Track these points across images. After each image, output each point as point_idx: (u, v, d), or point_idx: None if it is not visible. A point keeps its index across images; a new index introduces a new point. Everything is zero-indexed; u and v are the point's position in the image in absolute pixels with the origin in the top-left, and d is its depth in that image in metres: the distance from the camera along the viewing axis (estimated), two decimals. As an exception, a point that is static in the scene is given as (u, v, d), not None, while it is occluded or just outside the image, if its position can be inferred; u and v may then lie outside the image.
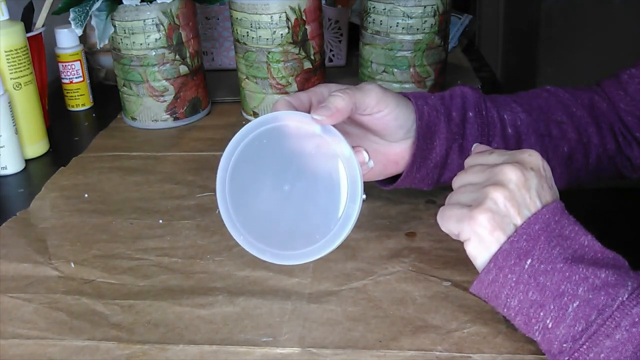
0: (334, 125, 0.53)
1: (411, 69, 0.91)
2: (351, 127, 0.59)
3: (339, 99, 0.53)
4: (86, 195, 0.73)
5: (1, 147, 0.78)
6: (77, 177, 0.78)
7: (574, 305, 0.42)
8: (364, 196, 0.69)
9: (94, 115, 0.98)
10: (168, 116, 0.91)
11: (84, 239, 0.65)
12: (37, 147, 0.84)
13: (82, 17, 0.83)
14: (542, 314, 0.43)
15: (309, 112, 0.55)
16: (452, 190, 0.50)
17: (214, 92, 0.99)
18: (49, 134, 0.87)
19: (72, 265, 0.61)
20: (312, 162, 0.53)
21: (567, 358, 0.42)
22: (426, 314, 0.52)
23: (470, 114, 0.62)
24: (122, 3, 0.84)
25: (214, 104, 0.97)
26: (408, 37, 0.89)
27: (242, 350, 0.50)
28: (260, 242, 0.53)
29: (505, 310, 0.45)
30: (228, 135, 0.58)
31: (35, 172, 0.81)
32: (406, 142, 0.60)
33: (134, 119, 0.91)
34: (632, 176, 0.68)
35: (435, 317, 0.52)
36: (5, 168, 0.79)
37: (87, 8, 0.83)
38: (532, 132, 0.63)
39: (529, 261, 0.44)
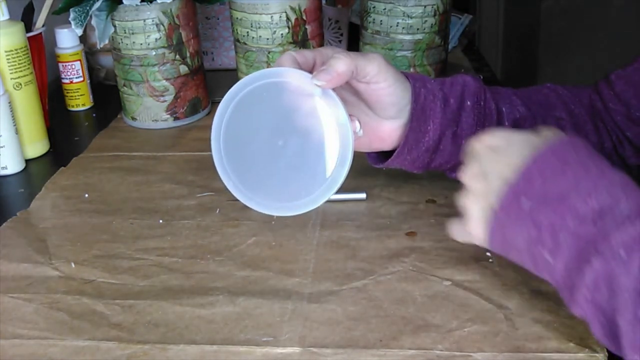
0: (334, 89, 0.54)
1: (411, 69, 0.91)
2: (346, 92, 0.59)
3: (340, 62, 0.54)
4: (86, 195, 0.73)
5: (1, 147, 0.78)
6: (78, 177, 0.78)
7: (567, 238, 0.43)
8: (364, 195, 0.69)
9: (94, 115, 0.98)
10: (168, 116, 0.91)
11: (85, 239, 0.65)
12: (37, 147, 0.84)
13: (82, 17, 0.83)
14: (541, 249, 0.44)
15: (312, 70, 0.56)
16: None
17: (214, 92, 0.99)
18: (49, 134, 0.87)
19: (73, 265, 0.61)
20: (308, 122, 0.55)
21: (568, 290, 0.44)
22: (427, 313, 0.52)
23: (468, 102, 0.62)
24: (122, 3, 0.84)
25: (214, 104, 0.97)
26: (408, 37, 0.89)
27: (243, 350, 0.50)
28: (248, 190, 0.56)
29: (517, 253, 0.47)
30: (228, 135, 0.58)
31: (36, 172, 0.81)
32: (396, 121, 0.60)
33: (134, 119, 0.91)
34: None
35: (436, 317, 0.52)
36: (5, 168, 0.79)
37: (87, 8, 0.83)
38: (529, 127, 0.64)
39: (524, 200, 0.45)
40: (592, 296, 0.42)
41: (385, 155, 0.63)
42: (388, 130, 0.60)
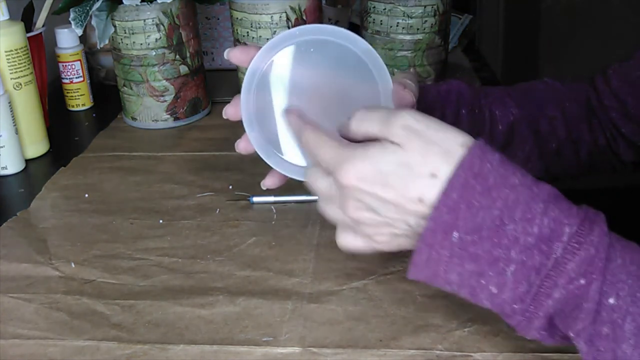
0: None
1: (411, 69, 0.91)
2: None
3: None
4: (86, 195, 0.73)
5: (1, 147, 0.78)
6: (77, 177, 0.78)
7: (511, 269, 0.40)
8: None
9: (94, 115, 0.98)
10: (168, 116, 0.91)
11: (85, 239, 0.65)
12: (37, 147, 0.84)
13: (82, 17, 0.83)
14: (483, 281, 0.41)
15: None
16: None
17: (214, 92, 0.99)
18: (49, 134, 0.87)
19: (73, 265, 0.61)
20: (350, 87, 0.51)
21: (521, 318, 0.41)
22: (427, 313, 0.52)
23: (463, 111, 0.62)
24: (122, 3, 0.84)
25: (214, 104, 0.97)
26: (408, 37, 0.89)
27: (243, 350, 0.50)
28: (271, 146, 0.53)
29: (447, 286, 0.43)
30: (228, 135, 0.58)
31: (36, 172, 0.81)
32: None
33: (134, 119, 0.92)
34: (622, 170, 0.69)
35: (436, 316, 0.52)
36: (5, 168, 0.79)
37: (87, 8, 0.83)
38: (525, 126, 0.64)
39: (455, 234, 0.40)
40: (550, 324, 0.41)
41: None
42: None
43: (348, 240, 0.46)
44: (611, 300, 0.38)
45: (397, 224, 0.43)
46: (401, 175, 0.41)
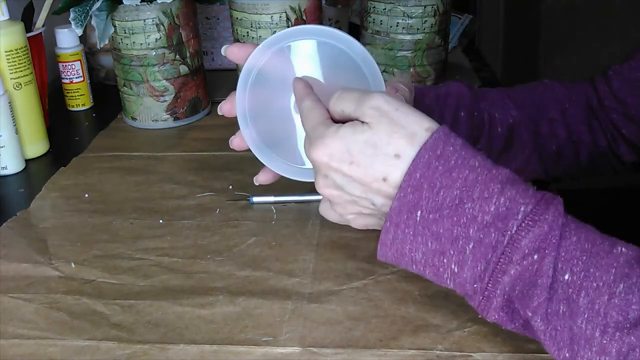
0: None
1: (411, 69, 0.91)
2: None
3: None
4: (86, 195, 0.73)
5: (1, 147, 0.78)
6: (77, 177, 0.78)
7: (470, 247, 0.41)
8: None
9: (94, 115, 0.98)
10: (168, 116, 0.91)
11: (85, 239, 0.65)
12: (37, 147, 0.84)
13: (82, 17, 0.83)
14: (445, 260, 0.42)
15: None
16: None
17: (214, 92, 0.99)
18: (49, 134, 0.87)
19: (73, 265, 0.61)
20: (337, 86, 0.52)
21: (481, 297, 0.42)
22: (427, 313, 0.52)
23: (462, 114, 0.62)
24: (122, 3, 0.84)
25: (214, 104, 0.97)
26: (408, 37, 0.89)
27: (243, 349, 0.50)
28: (264, 144, 0.54)
29: (414, 266, 0.44)
30: (228, 135, 0.58)
31: (36, 172, 0.81)
32: None
33: (134, 119, 0.92)
34: (623, 171, 0.69)
35: (436, 316, 0.52)
36: (5, 168, 0.79)
37: (87, 8, 0.83)
38: (525, 129, 0.64)
39: (419, 213, 0.42)
40: (509, 306, 0.42)
41: None
42: None
43: (326, 212, 0.49)
44: (566, 277, 0.39)
45: (363, 202, 0.46)
46: (367, 154, 0.44)
